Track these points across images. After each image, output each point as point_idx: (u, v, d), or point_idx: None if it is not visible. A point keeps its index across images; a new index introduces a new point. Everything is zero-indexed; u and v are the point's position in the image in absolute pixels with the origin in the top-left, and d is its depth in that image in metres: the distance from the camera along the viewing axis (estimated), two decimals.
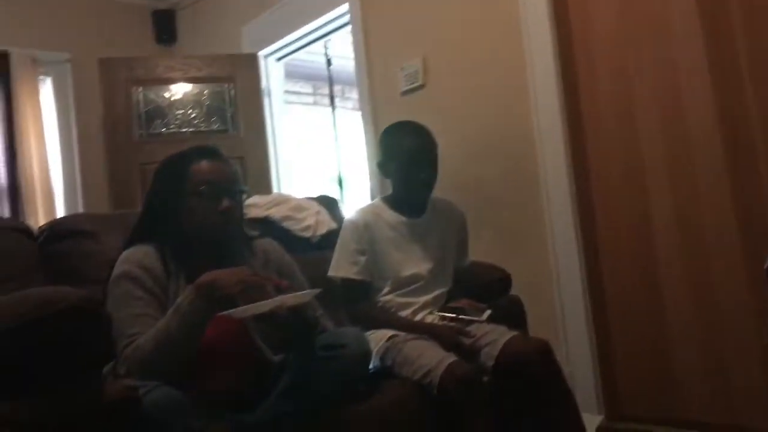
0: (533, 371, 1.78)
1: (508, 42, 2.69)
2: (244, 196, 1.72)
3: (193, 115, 3.98)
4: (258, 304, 1.39)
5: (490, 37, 2.76)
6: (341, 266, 2.03)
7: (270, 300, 1.40)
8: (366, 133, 3.29)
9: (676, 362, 2.33)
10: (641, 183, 2.39)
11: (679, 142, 2.29)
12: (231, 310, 1.37)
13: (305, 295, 1.50)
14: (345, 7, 3.43)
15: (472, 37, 2.83)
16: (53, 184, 4.04)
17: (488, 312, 1.94)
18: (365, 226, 2.05)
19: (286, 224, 2.38)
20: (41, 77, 4.18)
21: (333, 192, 3.82)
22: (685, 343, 2.30)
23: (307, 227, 2.40)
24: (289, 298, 1.43)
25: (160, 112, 3.94)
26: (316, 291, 1.55)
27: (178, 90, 3.99)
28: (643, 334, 2.40)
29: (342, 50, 4.78)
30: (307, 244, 2.36)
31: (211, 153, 1.68)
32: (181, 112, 3.97)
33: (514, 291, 2.30)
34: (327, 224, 2.45)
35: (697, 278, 2.26)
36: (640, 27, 2.37)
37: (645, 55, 2.36)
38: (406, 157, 2.04)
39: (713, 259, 2.22)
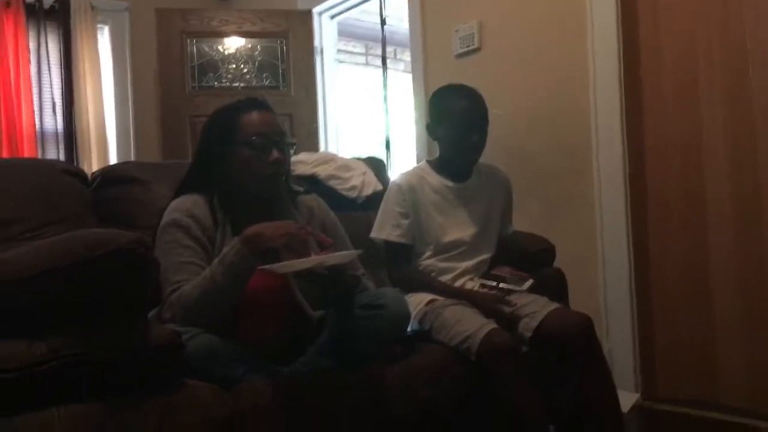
0: (572, 346, 1.76)
1: (569, 10, 2.60)
2: (292, 150, 1.73)
3: (245, 70, 4.00)
4: (299, 260, 1.40)
5: (550, 4, 2.67)
6: (384, 228, 2.03)
7: (311, 258, 1.41)
8: (416, 95, 3.25)
9: (718, 348, 2.27)
10: (699, 168, 2.30)
11: (743, 130, 2.18)
12: (272, 265, 1.39)
13: (346, 255, 1.51)
14: None
15: (531, 2, 2.74)
16: (107, 132, 4.12)
17: (530, 282, 1.92)
18: (410, 189, 2.04)
19: (332, 183, 2.39)
20: (100, 25, 4.24)
21: (380, 154, 3.80)
22: (729, 330, 2.24)
23: (353, 187, 2.41)
24: (330, 258, 1.44)
25: (212, 65, 3.97)
26: (358, 252, 1.55)
27: (232, 44, 4.00)
28: (686, 317, 2.35)
29: (396, 11, 4.70)
30: (351, 204, 2.37)
31: (261, 105, 1.68)
32: (233, 66, 3.99)
33: (557, 264, 2.26)
34: (373, 185, 2.45)
35: (750, 268, 2.18)
36: (710, 4, 2.26)
37: (714, 35, 2.25)
38: (458, 119, 2.01)
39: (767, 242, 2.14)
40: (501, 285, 1.92)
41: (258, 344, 1.50)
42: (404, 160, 4.55)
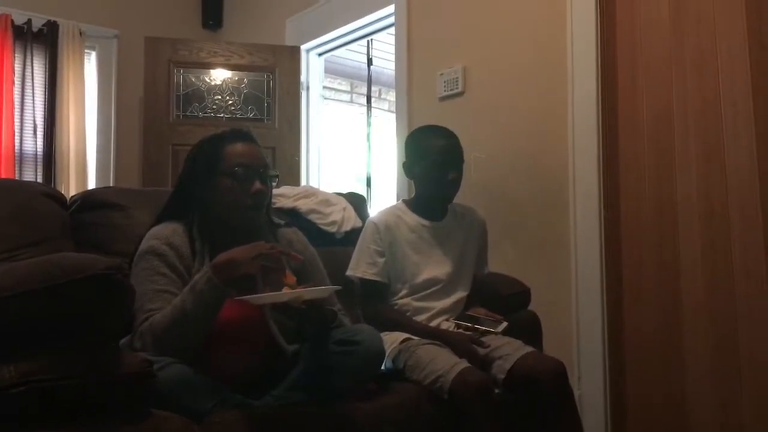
0: (545, 390, 1.76)
1: (552, 60, 2.67)
2: (275, 183, 1.74)
3: (230, 102, 4.03)
4: (276, 293, 1.40)
5: (533, 53, 2.75)
6: (359, 266, 2.04)
7: (288, 291, 1.41)
8: (399, 135, 3.29)
9: (689, 404, 2.28)
10: (672, 219, 2.34)
11: (715, 184, 2.24)
12: (248, 297, 1.39)
13: (324, 290, 1.51)
14: (390, 8, 3.45)
15: (515, 50, 2.82)
16: (87, 156, 4.11)
17: (504, 324, 1.93)
18: (386, 227, 2.06)
19: (312, 217, 2.39)
20: (87, 51, 4.26)
21: (360, 191, 3.83)
22: (701, 384, 2.25)
23: (333, 222, 2.41)
24: (308, 292, 1.44)
25: (198, 95, 4.00)
26: (336, 288, 1.56)
27: (219, 75, 4.04)
28: (658, 371, 2.36)
29: (382, 51, 4.80)
30: (331, 239, 2.37)
31: (246, 136, 1.70)
32: (219, 97, 4.02)
33: (532, 307, 2.28)
34: (353, 221, 2.46)
35: (722, 323, 2.20)
36: (687, 60, 2.34)
37: (689, 89, 2.33)
38: (435, 156, 2.05)
39: (741, 306, 2.16)
40: (476, 326, 1.93)
41: (230, 376, 1.48)
42: (384, 197, 4.59)
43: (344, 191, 2.69)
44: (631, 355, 2.45)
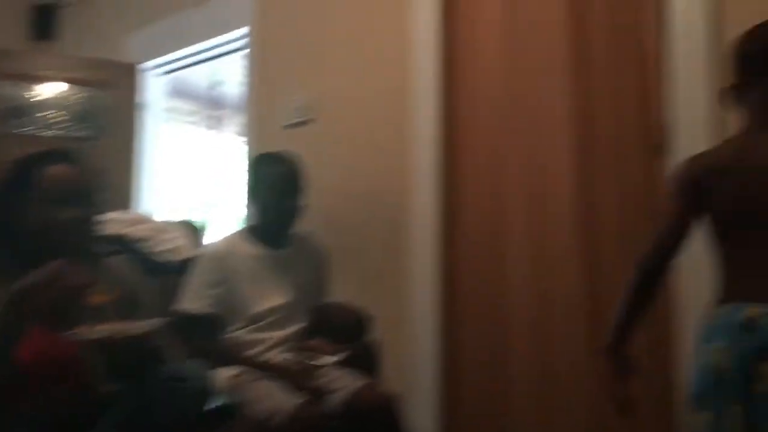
0: (377, 421, 1.77)
1: (396, 95, 2.73)
2: (100, 208, 1.63)
3: (58, 119, 3.72)
4: (95, 329, 1.34)
5: (379, 82, 2.81)
6: (190, 299, 1.98)
7: (108, 326, 1.35)
8: (247, 160, 3.21)
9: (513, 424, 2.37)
10: (502, 250, 2.45)
11: (538, 223, 2.37)
12: (67, 333, 1.32)
13: (147, 325, 1.44)
14: (240, 31, 3.39)
15: (361, 79, 2.86)
16: None
17: (342, 354, 1.93)
18: (220, 257, 2.02)
19: (143, 245, 2.25)
20: None
21: (203, 216, 3.70)
22: (524, 404, 2.35)
23: (166, 251, 2.29)
24: (129, 327, 1.38)
25: (18, 110, 3.66)
26: (161, 321, 1.48)
27: (45, 90, 3.72)
28: (485, 400, 2.44)
29: (233, 74, 4.70)
30: (163, 269, 2.24)
31: (63, 157, 1.58)
32: (44, 113, 3.70)
33: (371, 336, 2.29)
34: (187, 250, 2.34)
35: (544, 348, 2.32)
36: (516, 108, 2.47)
37: (517, 131, 2.46)
38: (272, 183, 2.05)
39: (559, 327, 2.29)
40: (312, 357, 1.90)
41: (43, 417, 1.38)
42: (230, 224, 4.46)
43: (178, 219, 2.58)
44: (465, 382, 2.52)
